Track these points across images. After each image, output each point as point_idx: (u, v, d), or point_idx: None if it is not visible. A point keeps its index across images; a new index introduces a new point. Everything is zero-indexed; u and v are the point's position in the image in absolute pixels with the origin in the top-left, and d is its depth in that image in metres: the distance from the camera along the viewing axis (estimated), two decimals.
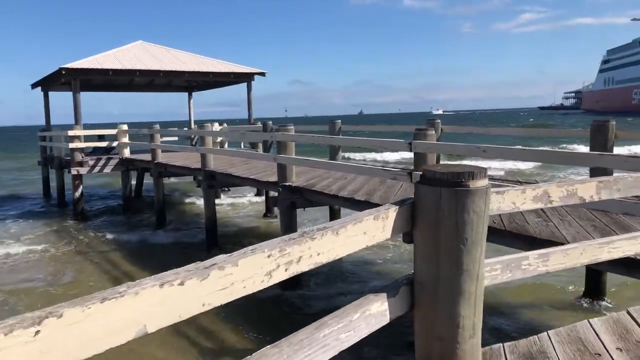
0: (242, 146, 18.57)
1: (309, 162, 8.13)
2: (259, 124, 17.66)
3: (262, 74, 18.21)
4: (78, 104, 15.87)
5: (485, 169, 2.14)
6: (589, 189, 2.81)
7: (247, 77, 18.26)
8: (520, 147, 5.38)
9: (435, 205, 2.06)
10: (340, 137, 7.94)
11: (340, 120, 12.65)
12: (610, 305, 7.18)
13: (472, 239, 2.09)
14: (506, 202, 2.40)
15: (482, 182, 2.10)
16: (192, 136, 18.58)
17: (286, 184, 8.53)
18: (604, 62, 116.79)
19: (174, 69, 17.30)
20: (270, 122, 15.16)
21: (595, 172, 7.44)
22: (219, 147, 14.96)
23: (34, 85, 19.83)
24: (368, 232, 2.01)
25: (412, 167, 6.41)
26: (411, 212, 2.15)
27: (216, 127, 17.78)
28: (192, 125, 22.73)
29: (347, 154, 28.44)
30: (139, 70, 16.60)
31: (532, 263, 2.63)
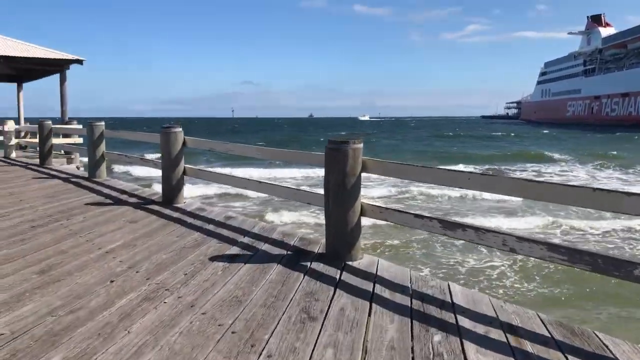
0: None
1: None
2: (75, 123, 14.23)
3: (79, 62, 14.69)
4: None
5: None
6: None
7: (58, 66, 14.69)
8: None
9: None
10: None
11: (103, 123, 9.41)
12: None
13: None
14: None
15: None
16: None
17: None
18: (542, 74, 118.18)
19: None
20: (50, 122, 11.76)
21: None
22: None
23: None
24: None
25: None
26: None
27: (10, 126, 14.18)
28: (22, 122, 18.91)
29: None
30: None
31: None
